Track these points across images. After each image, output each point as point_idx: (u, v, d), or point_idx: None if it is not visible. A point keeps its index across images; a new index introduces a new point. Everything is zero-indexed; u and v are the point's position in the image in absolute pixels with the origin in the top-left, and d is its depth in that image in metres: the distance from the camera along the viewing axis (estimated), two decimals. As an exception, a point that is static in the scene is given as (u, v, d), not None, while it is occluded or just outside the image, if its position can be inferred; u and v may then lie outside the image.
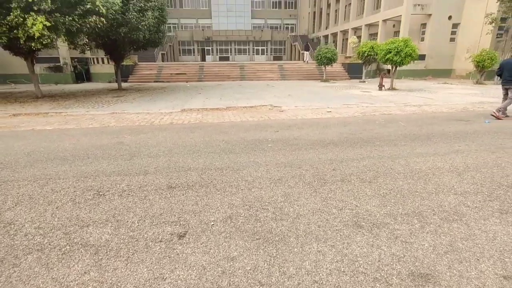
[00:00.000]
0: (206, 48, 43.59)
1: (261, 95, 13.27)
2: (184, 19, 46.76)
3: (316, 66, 23.12)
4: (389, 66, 17.93)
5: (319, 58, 19.89)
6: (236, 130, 6.54)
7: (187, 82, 21.35)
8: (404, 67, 16.40)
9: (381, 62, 16.45)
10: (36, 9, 8.95)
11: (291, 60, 40.56)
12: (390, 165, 4.12)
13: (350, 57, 25.52)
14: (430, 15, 22.31)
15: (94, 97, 13.04)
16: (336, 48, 28.00)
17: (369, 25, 27.58)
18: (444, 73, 23.13)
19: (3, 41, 9.78)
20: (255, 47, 44.30)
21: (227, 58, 43.42)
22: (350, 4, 31.74)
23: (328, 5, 38.07)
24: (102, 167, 4.12)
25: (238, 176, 3.75)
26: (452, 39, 22.89)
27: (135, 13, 12.70)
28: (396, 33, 24.62)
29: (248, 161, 4.34)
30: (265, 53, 44.61)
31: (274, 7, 48.18)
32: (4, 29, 9.26)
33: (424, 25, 23.34)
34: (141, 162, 4.34)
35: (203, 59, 42.81)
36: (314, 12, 42.82)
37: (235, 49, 44.04)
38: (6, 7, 8.86)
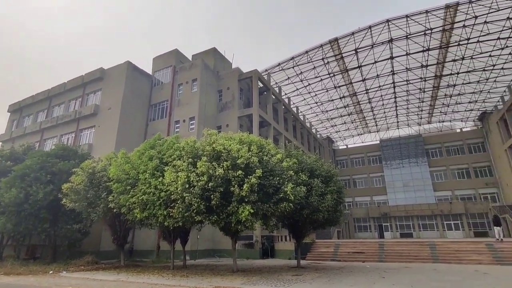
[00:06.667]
0: (383, 224, 41.22)
1: (473, 287, 9.98)
2: (358, 197, 48.63)
3: (553, 247, 16.41)
4: None
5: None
6: None
7: (363, 262, 19.55)
8: None
9: None
10: (246, 200, 11.83)
11: (503, 236, 31.07)
12: None
13: None
14: None
15: (276, 274, 13.71)
16: None
17: None
18: None
19: (221, 225, 12.93)
20: (445, 222, 38.01)
21: (409, 235, 38.63)
22: None
23: (543, 168, 30.51)
24: None
25: None
26: None
27: (316, 197, 14.38)
28: None
29: None
30: (460, 228, 37.02)
31: (461, 177, 43.40)
32: (224, 216, 12.42)
33: None
34: None
35: (381, 235, 39.88)
36: (523, 178, 34.88)
37: (418, 224, 39.27)
38: (230, 200, 12.22)
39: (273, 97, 32.80)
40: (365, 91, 39.19)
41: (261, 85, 30.93)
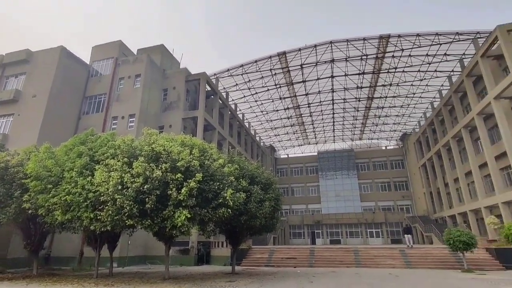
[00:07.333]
0: (316, 231, 43.74)
1: (385, 288, 11.18)
2: (295, 205, 50.87)
3: (450, 252, 19.31)
4: None
5: (451, 242, 16.87)
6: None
7: (295, 267, 20.49)
8: None
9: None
10: (183, 205, 11.48)
11: (412, 243, 35.57)
12: None
13: (495, 240, 20.80)
14: None
15: (210, 281, 13.50)
16: (470, 230, 23.87)
17: (510, 203, 23.52)
18: None
19: (155, 229, 12.29)
20: (368, 230, 41.95)
21: (338, 241, 41.64)
22: (473, 182, 29.17)
23: (446, 184, 35.90)
24: None
25: None
26: None
27: (255, 204, 14.62)
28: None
29: None
30: (380, 236, 41.19)
31: (384, 189, 48.45)
32: (158, 220, 11.84)
33: None
34: None
35: (313, 242, 42.21)
36: (431, 192, 40.52)
37: (346, 232, 42.62)
38: (166, 204, 11.72)
39: (220, 101, 32.74)
40: (307, 105, 41.61)
41: (208, 88, 30.65)
